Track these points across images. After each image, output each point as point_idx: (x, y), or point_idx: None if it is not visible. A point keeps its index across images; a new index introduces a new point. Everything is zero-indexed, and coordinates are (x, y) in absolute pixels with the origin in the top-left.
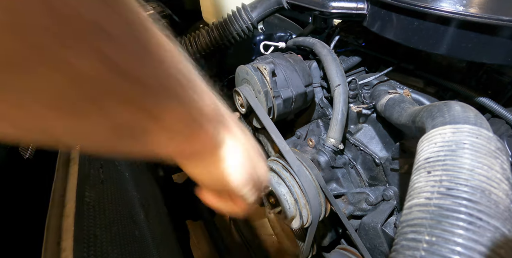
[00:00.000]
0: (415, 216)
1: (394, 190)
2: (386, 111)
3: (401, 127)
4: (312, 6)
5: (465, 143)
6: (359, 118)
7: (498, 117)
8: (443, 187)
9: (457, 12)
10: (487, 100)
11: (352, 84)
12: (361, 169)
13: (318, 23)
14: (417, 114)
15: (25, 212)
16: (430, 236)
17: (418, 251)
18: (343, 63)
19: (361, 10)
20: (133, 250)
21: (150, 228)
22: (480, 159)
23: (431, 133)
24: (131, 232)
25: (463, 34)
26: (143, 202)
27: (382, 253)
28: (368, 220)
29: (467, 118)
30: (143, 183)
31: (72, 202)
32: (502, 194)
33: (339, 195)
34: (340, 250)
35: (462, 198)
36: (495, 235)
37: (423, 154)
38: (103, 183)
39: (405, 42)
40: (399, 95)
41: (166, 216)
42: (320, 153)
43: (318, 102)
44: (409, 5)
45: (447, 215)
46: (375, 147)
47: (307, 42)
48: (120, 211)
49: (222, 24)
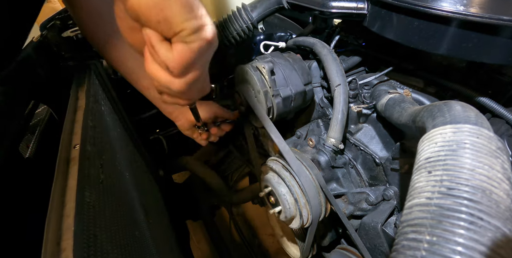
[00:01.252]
0: (416, 216)
1: (395, 190)
2: (386, 111)
3: (402, 127)
4: (312, 6)
5: (466, 142)
6: (359, 118)
7: (499, 117)
8: (444, 186)
9: (457, 12)
10: (487, 100)
11: (352, 84)
12: (361, 168)
13: (318, 23)
14: (417, 114)
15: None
16: (431, 236)
17: (419, 251)
18: (343, 63)
19: (361, 10)
20: (133, 250)
21: (150, 228)
22: (481, 159)
23: (432, 133)
24: (131, 232)
25: (463, 34)
26: (143, 202)
27: (382, 253)
28: (368, 220)
29: (468, 118)
30: (143, 183)
31: (72, 202)
32: (503, 193)
33: (339, 195)
34: (340, 250)
35: (463, 197)
36: (496, 235)
37: (423, 153)
38: (103, 183)
39: (405, 42)
40: (399, 95)
41: (166, 216)
42: (320, 152)
43: (318, 102)
44: (409, 5)
45: (448, 215)
46: (375, 146)
47: (307, 42)
48: (120, 211)
49: (222, 24)
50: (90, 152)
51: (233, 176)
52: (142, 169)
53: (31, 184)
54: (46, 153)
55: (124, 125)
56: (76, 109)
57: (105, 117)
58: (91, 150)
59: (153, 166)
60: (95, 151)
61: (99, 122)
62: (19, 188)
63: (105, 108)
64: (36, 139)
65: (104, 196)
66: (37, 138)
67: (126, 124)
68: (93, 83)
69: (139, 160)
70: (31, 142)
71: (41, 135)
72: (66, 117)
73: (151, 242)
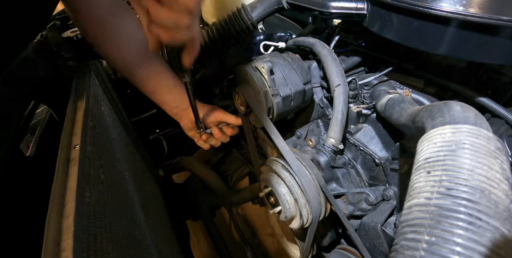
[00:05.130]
0: (415, 216)
1: (394, 190)
2: (386, 111)
3: (401, 127)
4: (312, 6)
5: (465, 143)
6: (359, 118)
7: (498, 117)
8: (443, 187)
9: (457, 12)
10: (487, 100)
11: (352, 84)
12: (361, 169)
13: (318, 23)
14: (417, 114)
15: (25, 211)
16: (430, 236)
17: (417, 251)
18: (343, 63)
19: (361, 10)
20: (133, 250)
21: (150, 228)
22: (480, 159)
23: (431, 133)
24: (131, 232)
25: (463, 34)
26: (143, 202)
27: (382, 253)
28: (368, 220)
29: (467, 118)
30: (143, 183)
31: (72, 202)
32: (502, 194)
33: (339, 195)
34: (340, 250)
35: (461, 198)
36: (495, 235)
37: (423, 154)
38: (103, 183)
39: (405, 42)
40: (399, 95)
41: (166, 216)
42: (320, 153)
43: (318, 102)
44: (409, 5)
45: (447, 215)
46: (375, 147)
47: (307, 42)
48: (120, 211)
49: (222, 24)
50: (90, 152)
51: (233, 176)
52: (142, 169)
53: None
54: (46, 153)
55: (124, 125)
56: (76, 110)
57: (105, 117)
58: (91, 150)
59: (153, 166)
60: (95, 151)
61: (99, 123)
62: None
63: (105, 109)
64: (36, 139)
65: (104, 196)
66: (37, 138)
67: (126, 125)
68: (93, 84)
69: (139, 160)
70: (31, 142)
71: (41, 135)
72: (66, 118)
73: (151, 242)
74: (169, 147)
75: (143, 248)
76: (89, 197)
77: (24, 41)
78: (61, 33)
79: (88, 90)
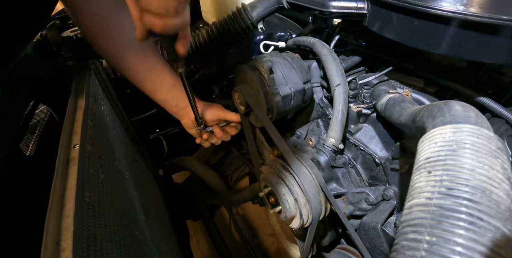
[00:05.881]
0: (416, 216)
1: (394, 189)
2: (386, 111)
3: (401, 127)
4: (312, 6)
5: (466, 142)
6: (359, 118)
7: (499, 117)
8: (444, 187)
9: (457, 11)
10: (487, 100)
11: (352, 84)
12: (361, 168)
13: (318, 22)
14: (417, 114)
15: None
16: (431, 236)
17: (418, 251)
18: (343, 62)
19: (361, 10)
20: (133, 250)
21: (150, 228)
22: (480, 159)
23: (432, 133)
24: (131, 232)
25: (463, 34)
26: (143, 202)
27: (382, 253)
28: (368, 220)
29: (468, 118)
30: (143, 183)
31: (71, 202)
32: (503, 194)
33: (339, 195)
34: (340, 250)
35: (462, 198)
36: (496, 235)
37: (423, 153)
38: (102, 182)
39: (405, 42)
40: (399, 95)
41: (166, 216)
42: (320, 152)
43: (318, 102)
44: (409, 5)
45: (448, 215)
46: (375, 146)
47: (307, 41)
48: (120, 211)
49: (222, 23)
50: (90, 151)
51: (233, 175)
52: (142, 169)
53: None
54: (46, 152)
55: (124, 125)
56: (76, 109)
57: (105, 117)
58: (91, 149)
59: (153, 166)
60: (94, 150)
61: (99, 122)
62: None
63: (104, 108)
64: (36, 138)
65: (104, 196)
66: (37, 137)
67: (126, 124)
68: (93, 83)
69: (139, 160)
70: (31, 141)
71: (41, 134)
72: (66, 117)
73: (151, 242)
74: (169, 146)
75: (143, 248)
76: (88, 196)
77: (24, 40)
78: (61, 32)
79: (88, 90)
